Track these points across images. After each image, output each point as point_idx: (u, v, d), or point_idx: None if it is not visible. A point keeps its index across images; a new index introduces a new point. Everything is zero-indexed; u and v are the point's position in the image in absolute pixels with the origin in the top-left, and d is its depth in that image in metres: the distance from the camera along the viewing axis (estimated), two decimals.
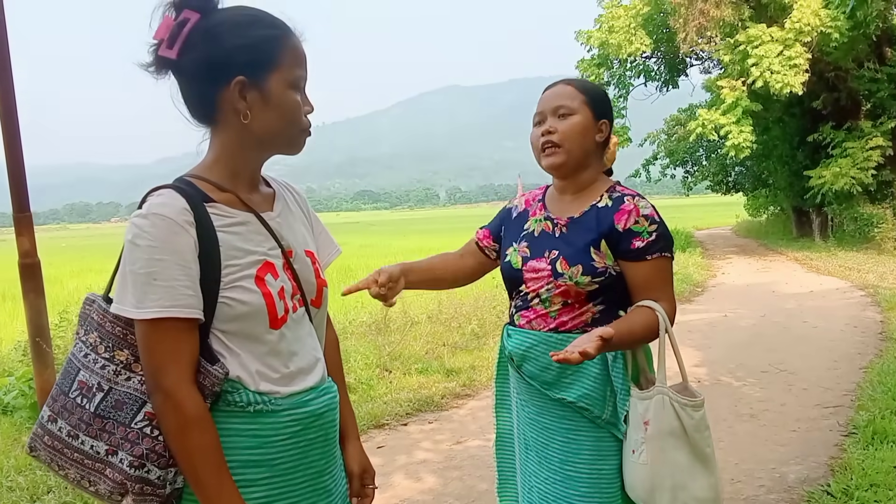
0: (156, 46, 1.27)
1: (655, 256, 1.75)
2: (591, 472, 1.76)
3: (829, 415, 4.56)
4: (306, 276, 1.40)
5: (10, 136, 4.60)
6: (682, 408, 1.67)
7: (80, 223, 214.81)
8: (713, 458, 1.71)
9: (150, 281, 1.19)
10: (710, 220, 36.62)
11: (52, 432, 1.28)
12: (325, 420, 1.38)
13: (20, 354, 6.29)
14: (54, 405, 1.29)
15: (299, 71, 1.32)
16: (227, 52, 1.26)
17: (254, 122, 1.29)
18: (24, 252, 4.69)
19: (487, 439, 4.39)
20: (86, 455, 1.25)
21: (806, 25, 14.99)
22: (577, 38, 20.16)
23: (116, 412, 1.24)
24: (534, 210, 1.94)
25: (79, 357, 1.29)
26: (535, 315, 1.83)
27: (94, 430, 1.25)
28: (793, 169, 19.95)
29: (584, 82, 1.89)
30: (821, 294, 10.01)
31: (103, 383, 1.26)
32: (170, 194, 1.25)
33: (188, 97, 1.32)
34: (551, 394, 1.79)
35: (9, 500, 3.55)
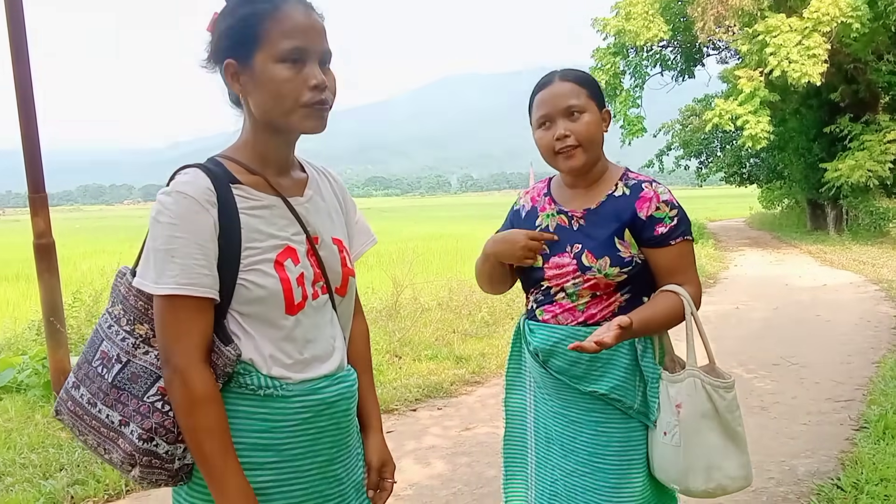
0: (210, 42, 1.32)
1: (678, 241, 1.75)
2: (620, 463, 1.76)
3: (841, 409, 4.53)
4: (332, 263, 1.39)
5: (26, 118, 4.62)
6: (715, 389, 1.69)
7: (94, 205, 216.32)
8: (744, 436, 1.73)
9: (168, 257, 1.20)
10: (723, 212, 36.40)
11: (74, 398, 1.32)
12: (338, 409, 1.37)
13: (34, 333, 6.37)
14: (79, 372, 1.33)
15: (292, 42, 1.25)
16: (219, 38, 1.29)
17: (252, 102, 1.29)
18: (38, 232, 4.73)
19: (496, 426, 4.40)
20: (102, 423, 1.28)
21: (825, 15, 14.79)
22: (593, 26, 19.99)
23: (131, 384, 1.27)
24: (542, 205, 1.89)
25: (103, 328, 1.33)
26: (562, 310, 1.80)
27: (110, 399, 1.28)
28: (808, 161, 19.77)
29: (578, 74, 1.84)
30: (834, 288, 9.93)
31: (122, 355, 1.28)
32: (195, 173, 1.26)
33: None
34: (581, 387, 1.78)
35: (22, 477, 3.60)
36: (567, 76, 1.81)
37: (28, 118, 4.62)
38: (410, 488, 3.52)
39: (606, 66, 19.85)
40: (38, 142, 4.68)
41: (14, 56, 4.59)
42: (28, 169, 4.66)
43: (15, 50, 4.58)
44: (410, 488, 3.52)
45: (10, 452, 3.91)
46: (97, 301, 6.88)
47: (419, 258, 11.74)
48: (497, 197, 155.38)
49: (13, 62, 4.59)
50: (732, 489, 1.72)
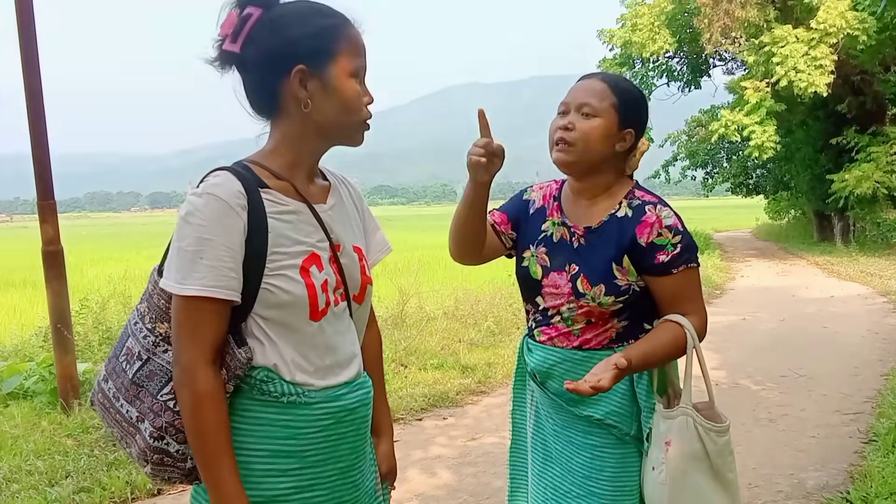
0: (220, 41, 1.30)
1: (681, 269, 1.67)
2: (613, 489, 1.72)
3: (850, 421, 4.50)
4: (352, 271, 1.40)
5: (36, 124, 4.65)
6: (707, 432, 1.63)
7: (101, 212, 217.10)
8: (735, 483, 1.67)
9: (196, 258, 1.21)
10: (729, 223, 36.30)
11: (103, 390, 1.36)
12: (358, 415, 1.38)
13: (41, 340, 6.37)
14: (108, 366, 1.36)
15: (359, 60, 1.33)
16: (288, 42, 1.28)
17: (314, 111, 1.30)
18: (47, 239, 4.76)
19: (502, 436, 4.38)
20: (123, 418, 1.31)
21: (832, 27, 14.80)
22: (599, 37, 20.06)
23: (148, 382, 1.29)
24: (550, 209, 1.83)
25: (131, 324, 1.35)
26: (557, 333, 1.77)
27: (130, 395, 1.30)
28: (815, 172, 19.71)
29: (621, 82, 1.75)
30: (842, 299, 9.89)
31: (143, 352, 1.30)
32: (226, 176, 1.27)
33: (250, 89, 1.34)
34: (577, 411, 1.74)
35: (27, 484, 3.59)
36: (607, 77, 1.74)
37: (38, 126, 4.65)
38: (416, 498, 3.50)
39: None
40: (47, 149, 4.71)
41: (25, 64, 4.63)
42: (37, 176, 4.69)
43: (26, 58, 4.62)
44: (416, 498, 3.50)
45: (16, 459, 3.90)
46: (104, 308, 6.89)
47: (425, 267, 11.74)
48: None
49: (24, 71, 4.63)
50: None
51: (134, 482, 3.59)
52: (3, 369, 5.29)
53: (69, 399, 4.65)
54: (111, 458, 3.89)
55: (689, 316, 1.69)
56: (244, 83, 1.34)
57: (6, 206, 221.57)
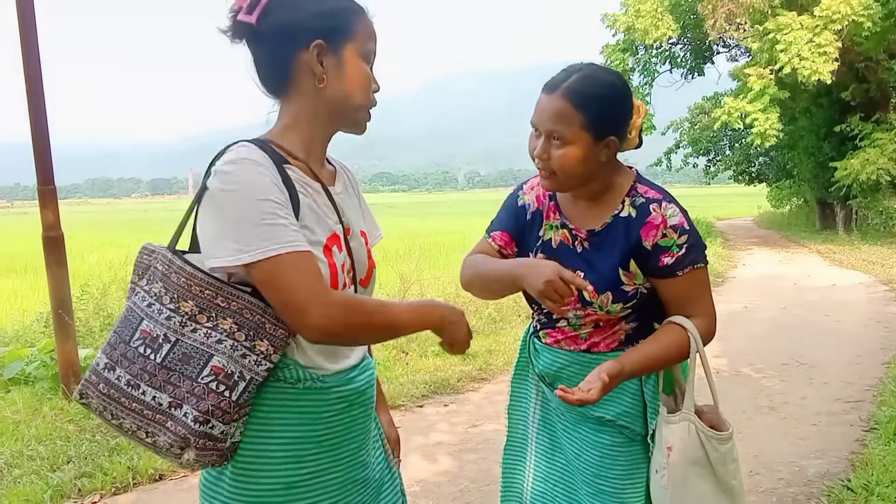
0: (234, 13, 1.29)
1: (687, 271, 1.61)
2: (622, 487, 1.70)
3: (851, 409, 4.50)
4: (360, 255, 1.41)
5: (36, 110, 4.63)
6: (709, 440, 1.60)
7: (102, 198, 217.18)
8: (738, 490, 1.64)
9: (259, 223, 1.17)
10: (731, 211, 36.25)
11: (108, 380, 1.25)
12: (366, 396, 1.40)
13: (42, 326, 6.38)
14: (112, 353, 1.26)
15: (371, 45, 1.35)
16: (308, 17, 1.28)
17: (328, 87, 1.30)
18: (47, 225, 4.75)
19: (503, 423, 4.34)
20: (146, 406, 1.23)
21: (836, 13, 14.69)
22: (602, 21, 19.92)
23: (183, 365, 1.22)
24: (547, 211, 1.74)
25: (141, 306, 1.27)
26: (564, 336, 1.73)
27: (158, 381, 1.22)
28: (818, 160, 19.65)
29: (585, 91, 1.55)
30: (843, 288, 9.87)
31: (169, 335, 1.23)
32: (250, 146, 1.26)
33: (263, 62, 1.32)
34: (587, 411, 1.70)
35: (29, 469, 3.60)
36: (570, 93, 1.55)
37: (37, 111, 4.63)
38: (417, 485, 3.51)
39: (615, 63, 19.77)
40: (47, 135, 4.69)
41: (24, 50, 4.60)
42: (37, 162, 4.67)
43: (25, 44, 4.59)
44: (417, 485, 3.51)
45: (18, 444, 3.92)
46: (105, 294, 6.90)
47: (426, 254, 11.73)
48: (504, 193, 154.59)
49: (24, 57, 4.60)
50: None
51: (135, 467, 3.60)
52: (5, 355, 5.31)
53: (70, 385, 4.65)
54: (112, 443, 3.90)
55: (695, 318, 1.64)
56: (256, 56, 1.32)
57: (7, 191, 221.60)
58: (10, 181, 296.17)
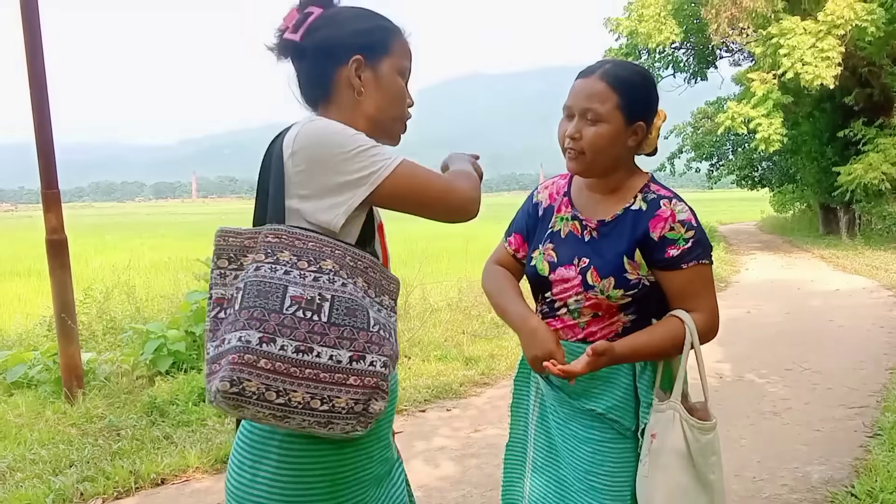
0: (281, 33, 1.42)
1: (692, 265, 1.64)
2: (612, 483, 1.70)
3: (855, 415, 4.48)
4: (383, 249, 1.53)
5: (39, 114, 4.64)
6: (691, 428, 1.60)
7: (105, 202, 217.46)
8: (717, 486, 1.63)
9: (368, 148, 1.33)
10: (734, 215, 36.20)
11: (270, 353, 1.18)
12: (395, 394, 1.49)
13: (45, 329, 6.39)
14: (266, 325, 1.20)
15: (407, 63, 1.48)
16: (348, 34, 1.41)
17: (365, 99, 1.42)
18: (51, 228, 4.75)
19: (505, 428, 4.32)
20: (322, 368, 1.21)
21: (840, 18, 14.68)
22: (605, 26, 19.93)
23: (351, 319, 1.24)
24: (559, 206, 1.80)
25: (276, 276, 1.23)
26: (563, 325, 1.75)
27: (331, 339, 1.22)
28: (821, 165, 19.62)
29: (620, 74, 1.66)
30: (847, 293, 9.84)
31: (325, 293, 1.24)
32: None
33: (305, 76, 1.44)
34: (579, 404, 1.73)
35: (31, 473, 3.60)
36: (606, 73, 1.65)
37: (42, 115, 4.64)
38: (420, 490, 3.50)
39: None
40: (51, 138, 4.70)
41: (29, 53, 4.61)
42: (41, 166, 4.68)
43: (30, 47, 4.60)
44: (420, 490, 3.50)
45: (21, 448, 3.92)
46: (108, 298, 6.90)
47: (428, 258, 11.73)
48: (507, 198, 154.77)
49: (28, 59, 4.62)
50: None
51: (138, 472, 3.60)
52: (8, 358, 5.31)
53: (73, 388, 4.66)
54: (115, 447, 3.90)
55: (695, 313, 1.66)
56: (299, 71, 1.45)
57: (11, 195, 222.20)
58: (14, 185, 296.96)
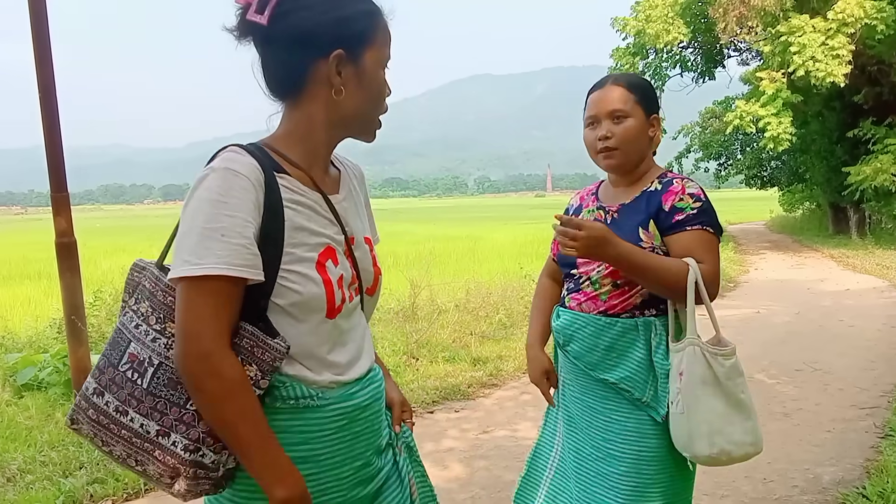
0: (242, 10, 1.21)
1: (696, 228, 1.78)
2: (631, 452, 1.81)
3: (866, 416, 4.45)
4: (365, 264, 1.35)
5: (49, 118, 4.66)
6: (713, 357, 1.71)
7: (115, 204, 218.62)
8: (749, 403, 1.75)
9: (215, 236, 1.12)
10: (742, 215, 36.04)
11: (97, 406, 1.19)
12: (371, 411, 1.33)
13: (55, 332, 6.42)
14: (101, 377, 1.20)
15: (387, 50, 1.29)
16: (326, 23, 1.21)
17: (345, 99, 1.25)
18: (60, 231, 4.77)
19: (514, 430, 4.36)
20: (134, 433, 1.17)
21: (849, 16, 14.61)
22: (612, 26, 19.90)
23: (170, 391, 1.16)
24: (587, 203, 2.01)
25: (129, 328, 1.21)
26: (586, 297, 1.88)
27: (145, 407, 1.16)
28: (831, 164, 19.52)
29: (631, 79, 1.92)
30: (857, 292, 9.78)
31: (154, 357, 1.17)
32: (241, 152, 1.20)
33: (273, 66, 1.25)
34: (595, 374, 1.85)
35: (42, 475, 3.62)
36: (619, 81, 1.90)
37: (51, 118, 4.66)
38: None
39: (625, 67, 19.74)
40: (60, 142, 4.72)
41: (37, 57, 4.63)
42: (50, 169, 4.70)
43: (38, 51, 4.63)
44: None
45: (31, 450, 3.94)
46: (117, 300, 6.93)
47: (436, 259, 11.73)
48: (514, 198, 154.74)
49: (36, 63, 4.64)
50: (738, 455, 1.72)
51: None
52: (18, 361, 5.34)
53: None
54: None
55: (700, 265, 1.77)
56: (265, 58, 1.25)
57: (21, 198, 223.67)
58: (24, 188, 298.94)
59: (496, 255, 14.55)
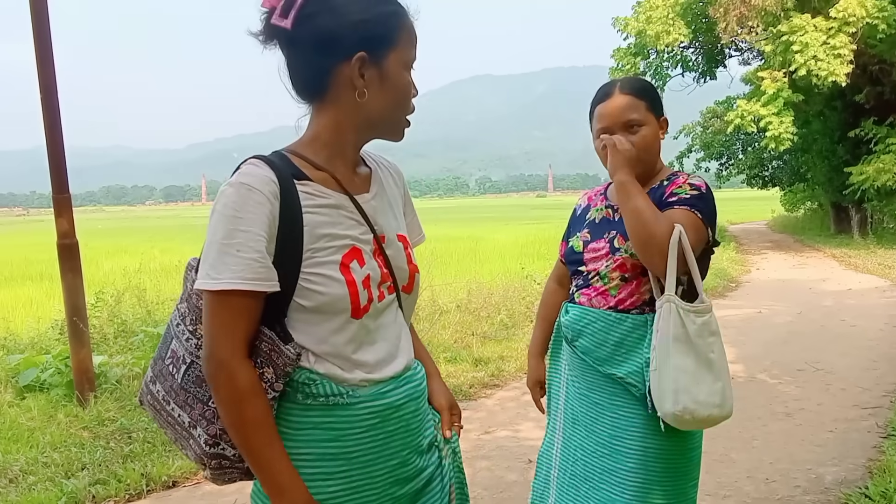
0: (267, 14, 1.22)
1: (683, 208, 1.77)
2: (637, 448, 1.81)
3: (868, 416, 4.44)
4: (398, 262, 1.36)
5: (50, 119, 4.67)
6: (686, 313, 1.71)
7: (116, 205, 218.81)
8: (720, 364, 1.74)
9: (231, 251, 1.16)
10: (744, 215, 36.00)
11: (152, 392, 1.31)
12: (406, 411, 1.33)
13: (57, 333, 6.42)
14: (155, 367, 1.32)
15: (413, 52, 1.30)
16: (349, 26, 1.22)
17: (369, 101, 1.26)
18: (62, 233, 4.78)
19: (516, 430, 4.36)
20: (176, 421, 1.28)
21: (851, 16, 14.59)
22: (613, 26, 19.88)
23: (196, 388, 1.25)
24: (595, 202, 2.02)
25: (172, 325, 1.31)
26: (596, 293, 1.89)
27: (180, 400, 1.27)
28: (832, 164, 19.50)
29: (636, 84, 1.91)
30: (859, 292, 9.77)
31: (187, 356, 1.26)
32: (258, 164, 1.22)
33: (298, 69, 1.27)
34: (602, 369, 1.85)
35: (44, 476, 3.62)
36: (626, 88, 1.88)
37: (52, 120, 4.67)
38: None
39: (626, 67, 19.73)
40: (61, 143, 4.73)
41: (39, 58, 4.64)
42: (52, 170, 4.71)
43: (40, 51, 4.63)
44: None
45: (33, 451, 3.94)
46: (119, 301, 6.95)
47: (438, 260, 11.72)
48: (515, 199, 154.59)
49: (38, 65, 4.65)
50: (702, 416, 1.70)
51: (149, 474, 3.61)
52: (20, 362, 5.34)
53: (85, 392, 4.68)
54: (126, 450, 3.92)
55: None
56: (290, 61, 1.26)
57: (23, 199, 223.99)
58: (26, 189, 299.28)
59: (498, 256, 14.54)
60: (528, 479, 3.58)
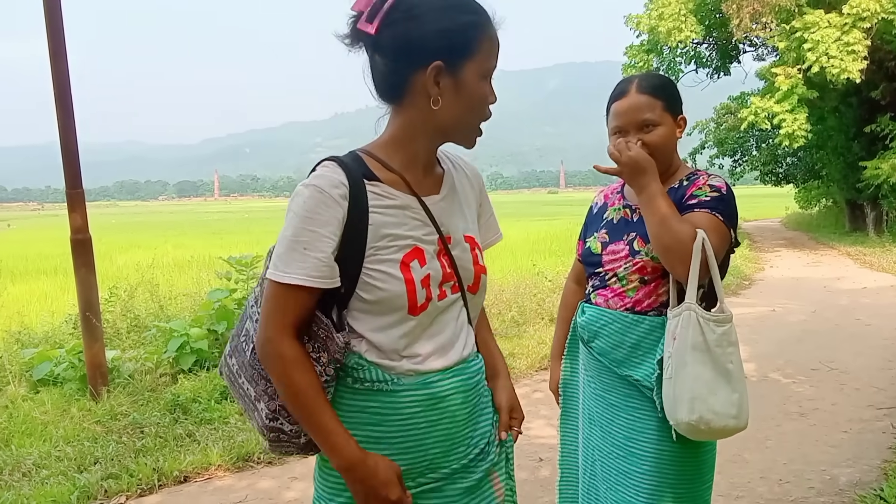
0: (354, 18, 1.28)
1: (704, 211, 1.74)
2: (653, 451, 1.79)
3: (883, 416, 4.40)
4: (464, 262, 1.39)
5: (64, 115, 4.69)
6: (706, 322, 1.69)
7: (130, 200, 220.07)
8: (737, 374, 1.72)
9: (297, 248, 1.25)
10: (758, 212, 35.75)
11: (229, 366, 1.42)
12: (452, 402, 1.36)
13: (71, 327, 6.47)
14: (232, 342, 1.43)
15: (493, 61, 1.32)
16: (429, 35, 1.26)
17: (442, 109, 1.29)
18: (76, 228, 4.81)
19: (526, 428, 4.27)
20: (245, 394, 1.39)
21: (865, 11, 14.43)
22: (626, 23, 19.76)
23: (262, 366, 1.33)
24: (612, 201, 1.99)
25: (248, 305, 1.41)
26: (613, 294, 1.87)
27: (248, 375, 1.37)
28: (848, 160, 19.30)
29: (654, 82, 1.87)
30: (875, 291, 9.68)
31: (254, 336, 1.34)
32: (331, 166, 1.29)
33: (378, 73, 1.32)
34: (619, 371, 1.84)
35: (57, 470, 3.65)
36: (643, 87, 1.83)
37: (65, 116, 4.70)
38: None
39: (639, 64, 19.61)
40: (75, 139, 4.75)
41: (52, 53, 4.67)
42: (66, 165, 4.74)
43: (53, 47, 4.66)
44: None
45: (46, 445, 3.97)
46: (132, 296, 6.98)
47: None
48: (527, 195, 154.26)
49: (51, 60, 4.67)
50: (718, 426, 1.68)
51: (161, 469, 3.63)
52: (34, 356, 5.38)
53: (98, 386, 4.71)
54: (139, 444, 3.94)
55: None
56: (373, 65, 1.32)
57: (37, 194, 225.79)
58: (41, 184, 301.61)
59: (509, 252, 14.50)
60: (538, 477, 3.57)
